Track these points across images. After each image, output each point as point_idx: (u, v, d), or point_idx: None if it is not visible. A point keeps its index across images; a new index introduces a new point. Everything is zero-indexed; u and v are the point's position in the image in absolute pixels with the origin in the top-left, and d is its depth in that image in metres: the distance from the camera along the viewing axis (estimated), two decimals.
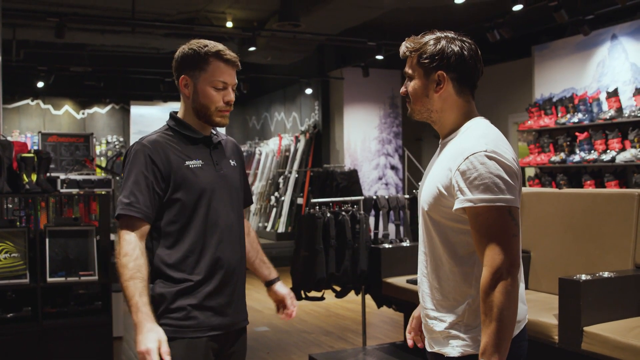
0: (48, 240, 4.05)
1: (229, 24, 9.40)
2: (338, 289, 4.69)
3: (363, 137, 10.85)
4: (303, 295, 4.62)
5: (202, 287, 2.01)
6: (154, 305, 1.95)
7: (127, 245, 1.92)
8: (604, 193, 3.55)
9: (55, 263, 4.04)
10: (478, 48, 1.78)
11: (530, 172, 8.37)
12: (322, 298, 4.69)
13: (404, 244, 4.63)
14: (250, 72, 11.78)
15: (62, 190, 4.91)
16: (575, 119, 7.29)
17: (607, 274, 2.98)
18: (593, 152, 7.07)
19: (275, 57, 10.18)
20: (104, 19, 8.79)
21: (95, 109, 13.33)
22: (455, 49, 1.73)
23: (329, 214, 4.51)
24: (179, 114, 2.13)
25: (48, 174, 4.41)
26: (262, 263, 2.35)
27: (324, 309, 6.68)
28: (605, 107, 7.10)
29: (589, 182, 7.08)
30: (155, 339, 1.85)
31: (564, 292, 2.88)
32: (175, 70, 2.11)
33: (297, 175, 11.00)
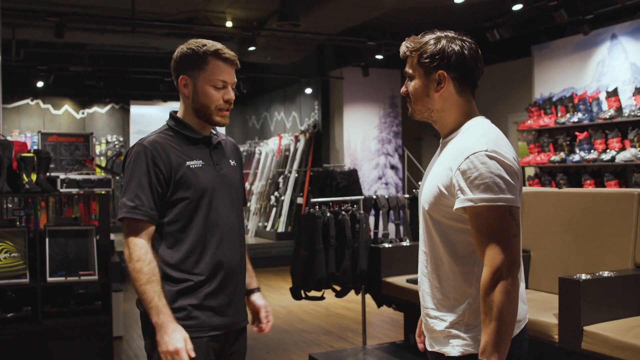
0: (48, 240, 4.05)
1: (229, 24, 9.41)
2: (338, 289, 4.68)
3: (363, 136, 10.85)
4: (303, 295, 4.62)
5: (202, 287, 2.01)
6: None
7: (139, 250, 1.93)
8: (604, 193, 3.55)
9: (55, 263, 4.04)
10: (478, 47, 1.78)
11: (530, 171, 8.37)
12: (322, 297, 4.69)
13: (404, 244, 4.63)
14: (250, 71, 11.77)
15: (62, 190, 4.90)
16: (575, 119, 7.29)
17: (607, 274, 2.98)
18: (593, 151, 7.07)
19: (275, 56, 10.18)
20: (104, 19, 8.79)
21: (95, 109, 13.33)
22: (456, 49, 1.73)
23: (329, 214, 4.50)
24: (179, 114, 2.13)
25: (48, 174, 4.40)
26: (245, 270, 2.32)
27: (324, 309, 6.68)
28: (605, 106, 7.10)
29: (589, 181, 7.09)
30: (182, 339, 1.89)
31: (564, 291, 2.89)
32: (174, 71, 2.11)
33: (297, 175, 11.00)
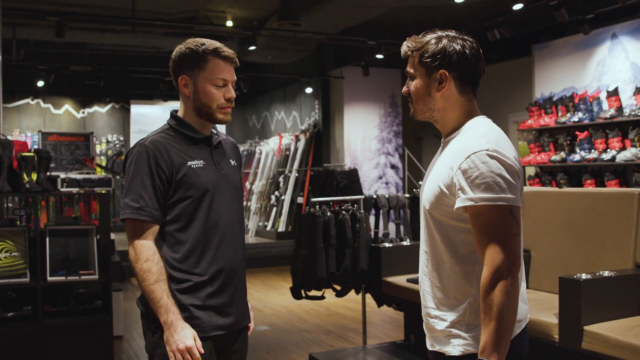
0: (48, 240, 4.05)
1: (229, 23, 9.41)
2: (338, 288, 4.68)
3: (363, 136, 10.85)
4: (303, 295, 4.62)
5: (204, 287, 2.01)
6: None
7: (146, 251, 1.94)
8: (604, 192, 3.55)
9: (56, 262, 4.04)
10: (479, 46, 1.78)
11: (531, 171, 8.37)
12: (322, 297, 4.69)
13: (404, 243, 4.63)
14: (251, 71, 11.78)
15: (62, 190, 4.91)
16: (576, 118, 7.29)
17: (607, 273, 2.98)
18: (593, 151, 7.06)
19: (275, 56, 10.18)
20: (104, 18, 8.80)
21: (96, 108, 13.34)
22: (457, 48, 1.73)
23: (329, 213, 4.50)
24: (179, 114, 2.12)
25: (48, 173, 4.41)
26: None
27: (324, 308, 6.68)
28: (606, 106, 7.10)
29: (589, 181, 7.08)
30: (192, 336, 1.91)
31: (564, 291, 2.89)
32: (173, 71, 2.10)
33: (297, 175, 11.00)
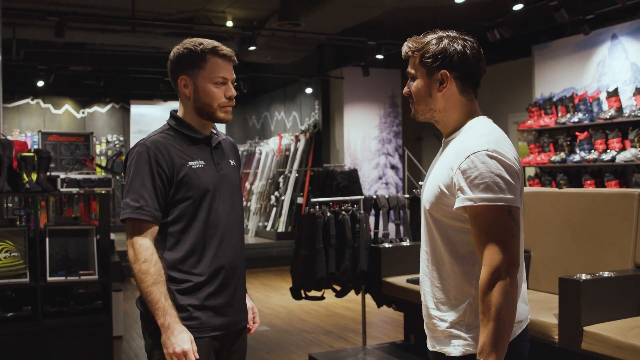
0: (48, 240, 4.04)
1: (229, 23, 9.41)
2: (338, 289, 4.68)
3: (363, 136, 10.85)
4: (303, 295, 4.62)
5: (203, 287, 2.01)
6: None
7: (145, 251, 1.93)
8: (604, 193, 3.55)
9: (55, 262, 4.04)
10: (480, 47, 1.78)
11: (530, 171, 8.37)
12: (322, 297, 4.69)
13: (404, 244, 4.63)
14: (251, 71, 11.77)
15: (62, 190, 4.90)
16: (576, 119, 7.29)
17: (607, 274, 2.98)
18: (593, 151, 7.07)
19: (275, 56, 10.18)
20: (104, 18, 8.79)
21: (95, 108, 13.34)
22: (458, 48, 1.73)
23: (329, 214, 4.50)
24: (179, 114, 2.12)
25: (48, 173, 4.40)
26: None
27: (324, 309, 6.68)
28: (606, 106, 7.10)
29: (589, 181, 7.08)
30: (189, 340, 1.89)
31: (564, 291, 2.89)
32: (172, 72, 2.09)
33: (297, 175, 11.00)
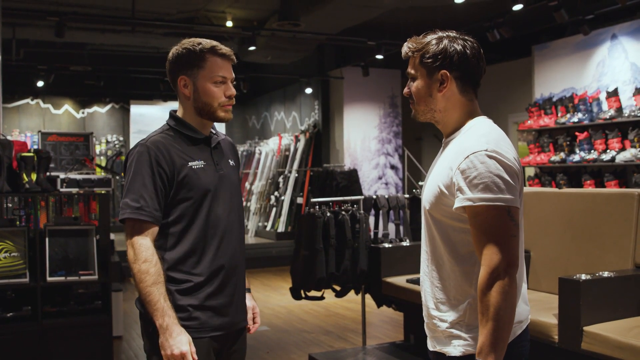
0: (48, 240, 4.04)
1: (229, 24, 9.41)
2: (338, 289, 4.68)
3: (363, 136, 10.85)
4: (303, 295, 4.62)
5: (203, 287, 2.01)
6: None
7: (145, 251, 1.92)
8: (604, 193, 3.55)
9: (55, 262, 4.04)
10: (480, 46, 1.78)
11: (530, 171, 8.37)
12: (322, 297, 4.69)
13: (404, 244, 4.63)
14: (250, 71, 11.78)
15: (62, 190, 4.90)
16: (575, 119, 7.29)
17: (607, 274, 2.98)
18: (593, 151, 7.07)
19: (275, 56, 10.18)
20: (104, 18, 8.79)
21: (95, 108, 13.34)
22: (458, 48, 1.73)
23: (329, 214, 4.50)
24: (179, 114, 2.11)
25: (48, 173, 4.40)
26: None
27: (324, 309, 6.68)
28: (605, 106, 7.10)
29: (589, 181, 7.09)
30: (187, 342, 1.89)
31: (564, 291, 2.89)
32: (171, 72, 2.08)
33: (297, 175, 11.00)
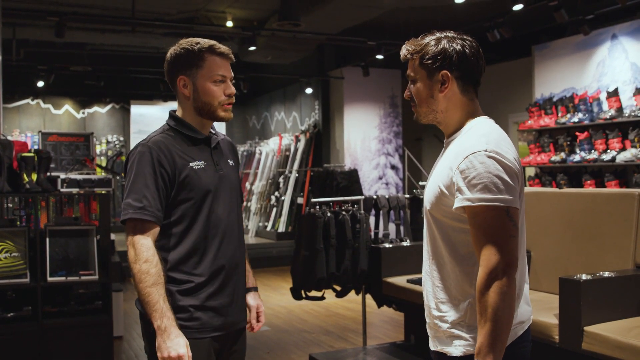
0: (48, 240, 4.05)
1: (229, 24, 9.41)
2: (338, 289, 4.68)
3: (363, 136, 10.85)
4: (303, 295, 4.62)
5: (203, 288, 2.01)
6: None
7: (146, 251, 1.91)
8: (604, 193, 3.55)
9: (56, 262, 4.04)
10: (479, 45, 1.78)
11: (531, 171, 8.37)
12: (322, 298, 4.69)
13: (404, 244, 4.63)
14: (250, 71, 11.77)
15: (62, 190, 4.90)
16: (576, 119, 7.29)
17: (607, 274, 2.98)
18: (593, 151, 7.07)
19: (275, 56, 10.18)
20: (104, 18, 8.80)
21: (96, 109, 13.34)
22: (457, 48, 1.74)
23: (329, 214, 4.50)
24: (178, 115, 2.11)
25: (48, 174, 4.40)
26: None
27: (324, 309, 6.68)
28: (606, 106, 7.10)
29: (589, 181, 7.08)
30: (184, 345, 1.88)
31: (564, 291, 2.88)
32: (169, 73, 2.08)
33: (297, 175, 11.00)
